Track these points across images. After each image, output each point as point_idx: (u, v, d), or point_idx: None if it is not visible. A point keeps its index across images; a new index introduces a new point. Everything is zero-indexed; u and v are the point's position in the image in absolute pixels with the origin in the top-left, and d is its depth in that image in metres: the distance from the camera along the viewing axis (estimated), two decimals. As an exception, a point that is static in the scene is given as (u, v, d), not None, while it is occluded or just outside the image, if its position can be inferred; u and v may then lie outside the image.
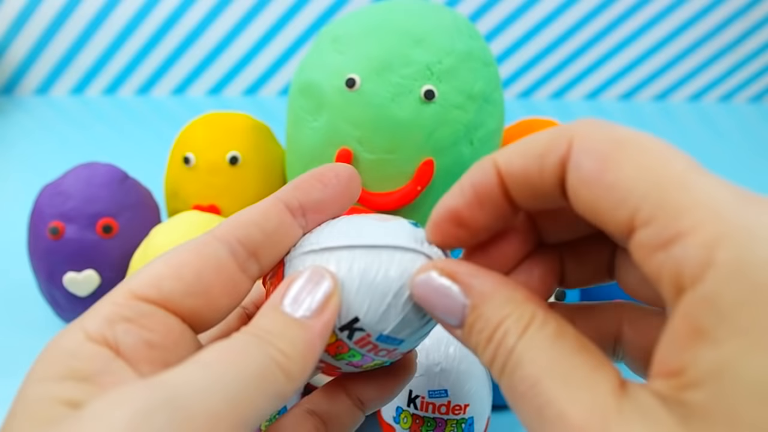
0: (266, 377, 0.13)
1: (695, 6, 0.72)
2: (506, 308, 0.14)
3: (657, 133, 0.48)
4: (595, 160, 0.13)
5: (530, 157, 0.14)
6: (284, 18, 0.70)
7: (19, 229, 0.44)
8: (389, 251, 0.16)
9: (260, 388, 0.13)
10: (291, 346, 0.14)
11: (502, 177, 0.14)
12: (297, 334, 0.14)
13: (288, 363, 0.14)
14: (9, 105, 0.69)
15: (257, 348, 0.14)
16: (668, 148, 0.12)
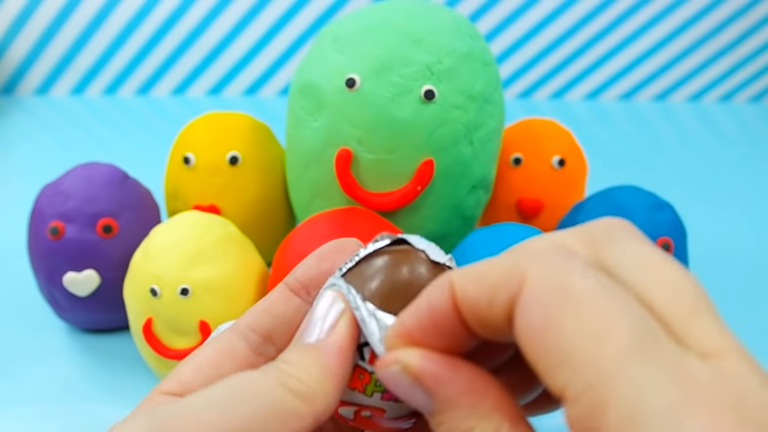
0: (279, 404, 0.14)
1: (695, 6, 0.72)
2: (469, 420, 0.13)
3: (657, 133, 0.48)
4: (537, 314, 0.12)
5: (483, 288, 0.13)
6: (284, 18, 0.70)
7: (19, 229, 0.44)
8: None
9: (274, 416, 0.13)
10: (306, 371, 0.14)
11: (456, 300, 0.13)
12: (312, 357, 0.15)
13: (303, 388, 0.14)
14: (9, 105, 0.69)
15: (269, 377, 0.14)
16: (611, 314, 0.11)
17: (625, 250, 0.13)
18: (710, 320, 0.12)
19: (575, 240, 0.14)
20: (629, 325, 0.11)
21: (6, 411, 0.31)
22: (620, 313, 0.11)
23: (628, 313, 0.11)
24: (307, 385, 0.14)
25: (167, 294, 0.29)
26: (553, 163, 0.38)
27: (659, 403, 0.10)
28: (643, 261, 0.13)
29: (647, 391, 0.10)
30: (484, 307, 0.13)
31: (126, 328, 0.36)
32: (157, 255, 0.30)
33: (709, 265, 0.45)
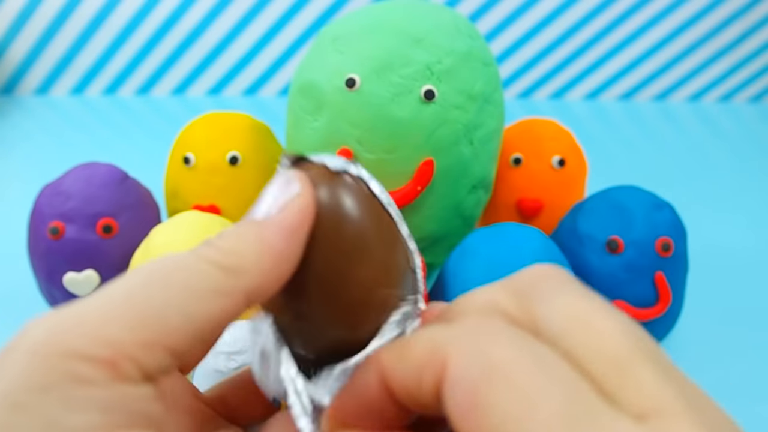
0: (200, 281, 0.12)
1: (695, 6, 0.72)
2: None
3: (657, 133, 0.48)
4: (465, 397, 0.11)
5: (409, 368, 0.13)
6: (284, 18, 0.70)
7: (19, 229, 0.44)
8: None
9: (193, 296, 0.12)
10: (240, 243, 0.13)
11: (386, 380, 0.13)
12: (250, 230, 0.13)
13: (233, 260, 0.13)
14: (9, 105, 0.69)
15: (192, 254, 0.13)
16: (539, 384, 0.11)
17: (554, 303, 0.12)
18: (646, 375, 0.11)
19: (504, 295, 0.13)
20: (558, 393, 0.10)
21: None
22: (548, 381, 0.11)
23: (557, 380, 0.11)
24: (240, 257, 0.13)
25: (167, 294, 0.29)
26: (553, 163, 0.38)
27: None
28: (572, 315, 0.12)
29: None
30: (413, 387, 0.12)
31: (126, 328, 0.36)
32: (157, 255, 0.30)
33: (709, 264, 0.45)
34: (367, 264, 0.14)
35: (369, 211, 0.15)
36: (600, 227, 0.33)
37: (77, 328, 0.11)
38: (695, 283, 0.42)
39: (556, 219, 0.39)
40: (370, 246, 0.14)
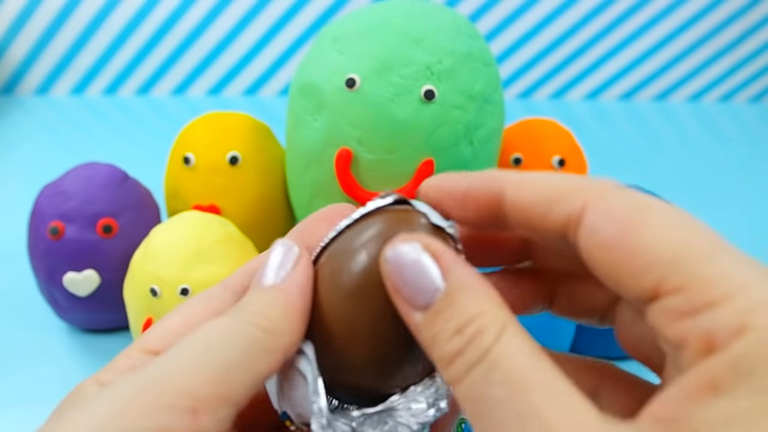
0: (253, 343, 0.14)
1: (695, 6, 0.72)
2: (483, 304, 0.13)
3: (657, 133, 0.47)
4: (616, 225, 0.12)
5: (540, 197, 0.14)
6: (284, 18, 0.70)
7: (19, 229, 0.44)
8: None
9: (250, 356, 0.14)
10: (269, 308, 0.15)
11: (503, 196, 0.14)
12: (273, 297, 0.15)
13: (270, 324, 0.14)
14: (9, 105, 0.69)
15: (238, 319, 0.14)
16: (689, 217, 0.12)
17: None
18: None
19: None
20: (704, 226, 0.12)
21: (6, 411, 0.31)
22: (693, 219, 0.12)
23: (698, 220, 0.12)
24: (272, 321, 0.14)
25: (167, 294, 0.29)
26: (553, 163, 0.38)
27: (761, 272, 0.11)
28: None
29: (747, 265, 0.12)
30: (538, 216, 0.14)
31: (126, 328, 0.36)
32: (157, 255, 0.30)
33: (709, 265, 0.45)
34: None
35: None
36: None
37: (163, 386, 0.13)
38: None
39: (556, 219, 0.39)
40: None
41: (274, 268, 0.15)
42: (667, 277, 0.12)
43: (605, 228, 0.13)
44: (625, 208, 0.13)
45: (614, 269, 0.13)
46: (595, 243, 0.13)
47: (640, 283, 0.12)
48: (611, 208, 0.13)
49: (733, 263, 0.12)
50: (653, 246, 0.12)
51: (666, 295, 0.12)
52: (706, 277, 0.12)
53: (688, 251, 0.12)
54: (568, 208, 0.13)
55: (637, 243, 0.12)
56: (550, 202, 0.14)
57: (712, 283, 0.11)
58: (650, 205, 0.13)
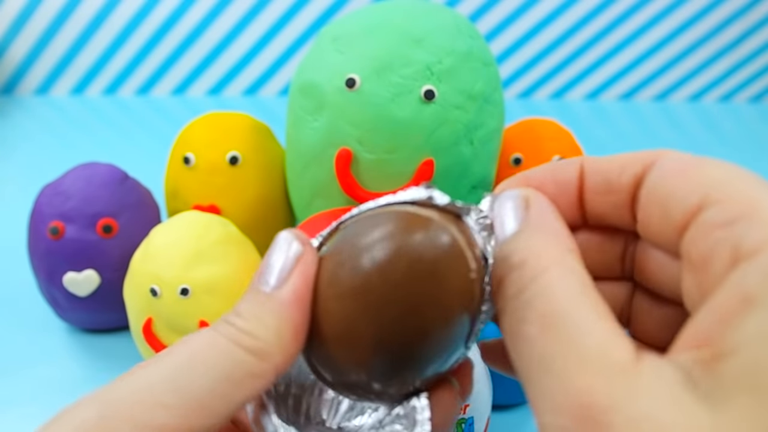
0: (236, 368, 0.13)
1: (695, 6, 0.72)
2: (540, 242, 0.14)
3: (657, 133, 0.48)
4: (679, 163, 0.14)
5: (615, 162, 0.15)
6: (284, 18, 0.70)
7: (19, 229, 0.44)
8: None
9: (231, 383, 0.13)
10: (262, 324, 0.14)
11: (583, 176, 0.15)
12: (267, 308, 0.14)
13: (261, 344, 0.13)
14: (9, 105, 0.69)
15: (222, 338, 0.13)
16: (744, 169, 0.13)
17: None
18: None
19: None
20: (754, 174, 0.13)
21: (6, 411, 0.31)
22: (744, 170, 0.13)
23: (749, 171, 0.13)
24: (264, 340, 0.13)
25: (167, 294, 0.29)
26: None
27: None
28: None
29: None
30: (614, 176, 0.15)
31: (126, 328, 0.36)
32: (157, 255, 0.30)
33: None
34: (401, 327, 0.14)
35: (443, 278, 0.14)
36: (600, 227, 0.33)
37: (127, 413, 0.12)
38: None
39: (556, 219, 0.39)
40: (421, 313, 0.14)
41: (276, 269, 0.14)
42: (712, 192, 0.12)
43: (671, 165, 0.14)
44: (690, 158, 0.14)
45: (668, 196, 0.13)
46: (659, 177, 0.14)
47: (686, 202, 0.13)
48: (678, 157, 0.14)
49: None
50: (705, 175, 0.13)
51: (707, 207, 0.12)
52: (746, 195, 0.12)
53: (733, 178, 0.13)
54: (643, 162, 0.14)
55: (693, 173, 0.13)
56: (624, 162, 0.15)
57: (750, 200, 0.12)
58: (708, 159, 0.14)
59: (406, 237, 0.14)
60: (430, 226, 0.14)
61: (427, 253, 0.14)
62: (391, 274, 0.14)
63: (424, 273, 0.14)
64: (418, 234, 0.14)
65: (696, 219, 0.13)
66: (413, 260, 0.14)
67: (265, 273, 0.15)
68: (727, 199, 0.12)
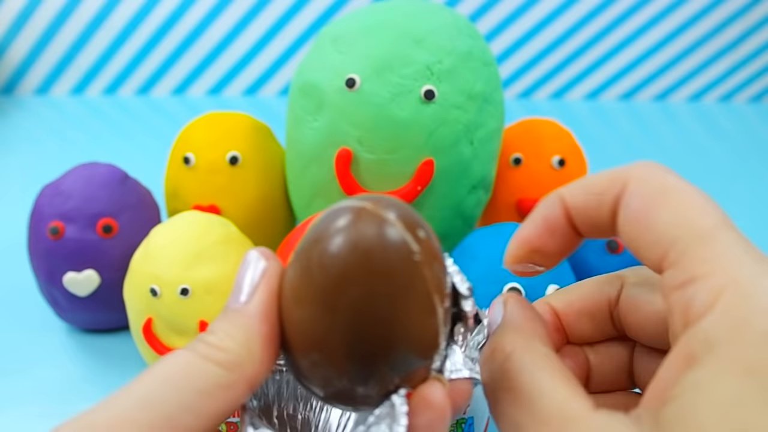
0: (206, 381, 0.13)
1: (695, 6, 0.72)
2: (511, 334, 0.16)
3: (657, 133, 0.48)
4: (641, 202, 0.14)
5: (591, 194, 0.16)
6: (284, 18, 0.70)
7: (19, 229, 0.44)
8: None
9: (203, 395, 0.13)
10: (230, 338, 0.14)
11: (567, 209, 0.17)
12: (235, 323, 0.15)
13: (230, 357, 0.14)
14: (9, 105, 0.69)
15: (193, 354, 0.14)
16: (707, 201, 0.14)
17: None
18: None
19: None
20: (718, 211, 0.14)
21: (6, 411, 0.31)
22: (710, 203, 0.14)
23: (713, 203, 0.14)
24: (233, 353, 0.14)
25: (167, 294, 0.29)
26: (553, 163, 0.38)
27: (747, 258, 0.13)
28: None
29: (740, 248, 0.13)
30: (593, 210, 0.16)
31: (126, 328, 0.36)
32: (157, 255, 0.30)
33: (709, 265, 0.45)
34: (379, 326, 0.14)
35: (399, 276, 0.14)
36: (600, 227, 0.33)
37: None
38: (695, 283, 0.42)
39: (556, 219, 0.39)
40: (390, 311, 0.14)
41: (245, 286, 0.15)
42: (669, 251, 0.14)
43: (633, 205, 0.15)
44: (652, 188, 0.14)
45: (636, 242, 0.15)
46: (624, 218, 0.15)
47: (651, 255, 0.14)
48: (641, 188, 0.15)
49: (728, 245, 0.13)
50: (664, 223, 0.14)
51: (666, 268, 0.14)
52: (698, 255, 0.13)
53: (691, 230, 0.13)
54: (613, 194, 0.15)
55: (654, 220, 0.14)
56: (599, 194, 0.16)
57: (701, 261, 0.13)
58: (674, 187, 0.14)
59: (350, 231, 0.14)
60: (364, 215, 0.14)
61: (366, 242, 0.14)
62: (334, 270, 0.14)
63: (368, 263, 0.14)
64: (359, 225, 0.14)
65: (662, 275, 0.14)
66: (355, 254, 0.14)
67: (235, 292, 0.15)
68: (679, 262, 0.13)
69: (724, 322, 0.12)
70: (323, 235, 0.14)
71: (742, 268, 0.13)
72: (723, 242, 0.13)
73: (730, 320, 0.12)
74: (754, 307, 0.12)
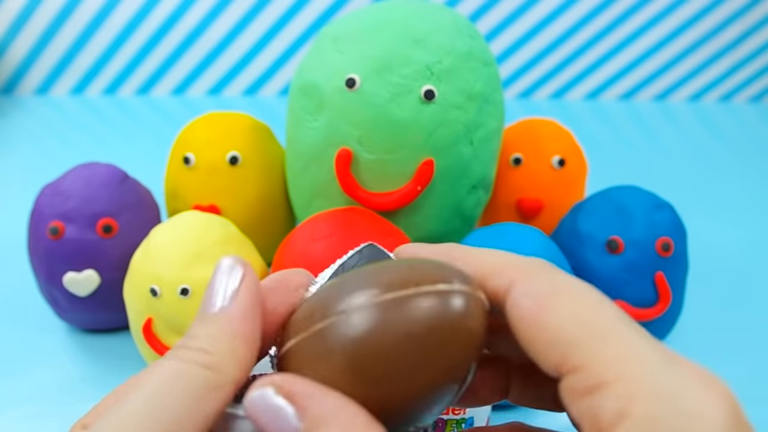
0: (195, 385, 0.13)
1: (695, 6, 0.72)
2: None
3: (657, 133, 0.48)
4: (533, 302, 0.14)
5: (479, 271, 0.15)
6: (284, 18, 0.70)
7: (19, 229, 0.44)
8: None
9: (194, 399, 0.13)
10: (213, 340, 0.14)
11: None
12: (217, 326, 0.15)
13: (214, 359, 0.14)
14: (9, 105, 0.69)
15: (177, 361, 0.14)
16: (600, 298, 0.14)
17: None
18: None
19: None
20: (612, 307, 0.13)
21: (6, 411, 0.31)
22: (604, 300, 0.14)
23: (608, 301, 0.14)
24: (219, 354, 0.14)
25: (167, 294, 0.29)
26: (553, 163, 0.38)
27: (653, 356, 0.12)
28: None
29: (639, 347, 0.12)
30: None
31: (126, 328, 0.36)
32: (157, 255, 0.30)
33: (709, 265, 0.45)
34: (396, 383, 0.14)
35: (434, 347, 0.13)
36: (600, 227, 0.33)
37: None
38: (695, 283, 0.42)
39: (556, 219, 0.39)
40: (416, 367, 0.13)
41: (221, 292, 0.15)
42: (569, 355, 0.13)
43: (523, 304, 0.14)
44: (543, 288, 0.14)
45: (530, 344, 0.14)
46: (515, 317, 0.14)
47: (548, 360, 0.13)
48: (532, 287, 0.14)
49: (629, 344, 0.12)
50: (559, 325, 0.13)
51: (567, 373, 0.13)
52: (600, 358, 0.12)
53: (588, 332, 0.13)
54: (499, 283, 0.15)
55: (547, 321, 0.13)
56: (485, 276, 0.15)
57: (605, 365, 0.12)
58: (566, 287, 0.14)
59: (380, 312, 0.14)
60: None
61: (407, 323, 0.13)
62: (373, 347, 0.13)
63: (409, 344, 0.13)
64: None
65: (562, 380, 0.13)
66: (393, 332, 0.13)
67: (211, 297, 0.15)
68: (581, 367, 0.13)
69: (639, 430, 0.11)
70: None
71: (650, 371, 0.12)
72: (624, 340, 0.13)
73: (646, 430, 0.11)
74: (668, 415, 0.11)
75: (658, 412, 0.11)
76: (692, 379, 0.12)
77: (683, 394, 0.12)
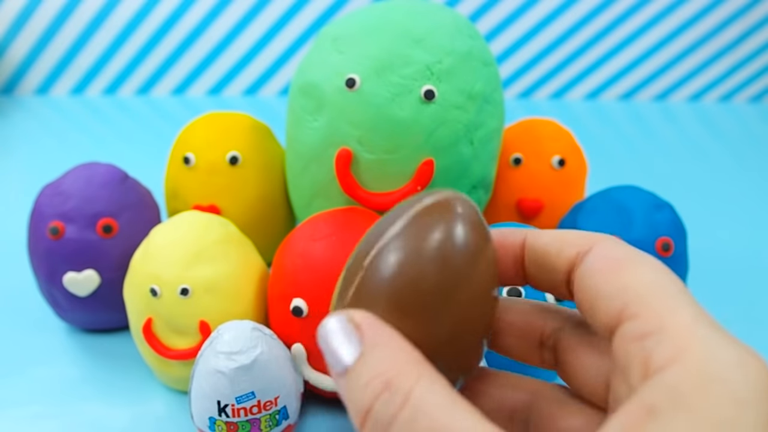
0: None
1: (695, 6, 0.72)
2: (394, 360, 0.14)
3: (657, 133, 0.48)
4: (609, 261, 0.15)
5: (556, 242, 0.17)
6: (284, 18, 0.70)
7: (19, 229, 0.44)
8: None
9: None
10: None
11: (525, 247, 0.17)
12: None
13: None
14: (9, 105, 0.69)
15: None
16: (668, 273, 0.15)
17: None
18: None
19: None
20: (679, 284, 0.14)
21: (6, 411, 0.31)
22: (671, 276, 0.15)
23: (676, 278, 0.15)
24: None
25: (167, 294, 0.29)
26: (553, 163, 0.38)
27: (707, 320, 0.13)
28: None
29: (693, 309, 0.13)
30: (552, 255, 0.17)
31: (126, 328, 0.36)
32: (157, 255, 0.30)
33: (709, 265, 0.45)
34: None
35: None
36: (600, 227, 0.33)
37: None
38: (695, 283, 0.42)
39: (556, 219, 0.39)
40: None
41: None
42: (630, 304, 0.14)
43: (600, 262, 0.15)
44: (621, 254, 0.15)
45: (593, 293, 0.15)
46: (588, 271, 0.15)
47: (609, 307, 0.14)
48: (611, 251, 0.16)
49: (687, 306, 0.14)
50: (629, 280, 0.14)
51: (626, 320, 0.14)
52: (659, 310, 0.13)
53: (653, 289, 0.14)
54: (579, 247, 0.16)
55: (618, 275, 0.15)
56: (564, 243, 0.17)
57: (662, 316, 0.13)
58: (642, 257, 0.15)
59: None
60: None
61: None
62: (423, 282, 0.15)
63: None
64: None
65: (617, 329, 0.14)
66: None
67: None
68: (642, 314, 0.14)
69: (690, 376, 0.12)
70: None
71: (703, 329, 0.13)
72: (684, 304, 0.14)
73: (697, 375, 0.12)
74: (720, 364, 0.12)
75: (711, 364, 0.12)
76: (739, 348, 0.13)
77: (730, 356, 0.12)
